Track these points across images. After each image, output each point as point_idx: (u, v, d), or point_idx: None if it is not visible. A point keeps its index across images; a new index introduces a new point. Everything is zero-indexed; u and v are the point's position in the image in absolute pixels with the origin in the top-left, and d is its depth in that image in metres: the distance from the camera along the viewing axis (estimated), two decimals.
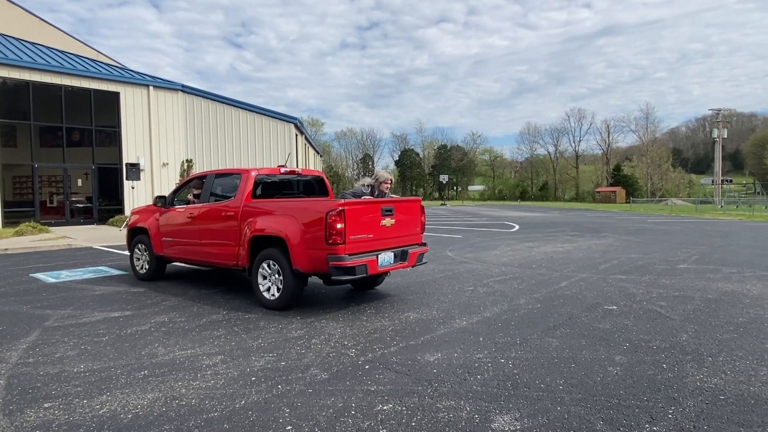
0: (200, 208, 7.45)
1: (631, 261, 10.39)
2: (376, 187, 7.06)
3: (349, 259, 5.71)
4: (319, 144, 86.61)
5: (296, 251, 5.93)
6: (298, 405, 3.52)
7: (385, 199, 6.58)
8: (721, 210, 38.75)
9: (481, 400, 3.59)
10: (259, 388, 3.83)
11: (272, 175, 7.49)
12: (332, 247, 5.68)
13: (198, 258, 7.53)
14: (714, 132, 52.38)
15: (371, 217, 6.07)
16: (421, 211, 6.88)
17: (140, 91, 21.76)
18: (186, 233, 7.62)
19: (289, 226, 6.04)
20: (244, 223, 6.62)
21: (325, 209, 5.74)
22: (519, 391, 3.74)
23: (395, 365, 4.31)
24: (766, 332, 5.21)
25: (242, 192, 6.89)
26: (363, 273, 5.85)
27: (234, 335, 5.26)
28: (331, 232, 5.65)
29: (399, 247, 6.44)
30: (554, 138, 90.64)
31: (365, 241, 5.98)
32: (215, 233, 7.12)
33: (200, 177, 8.10)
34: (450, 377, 4.03)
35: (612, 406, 3.46)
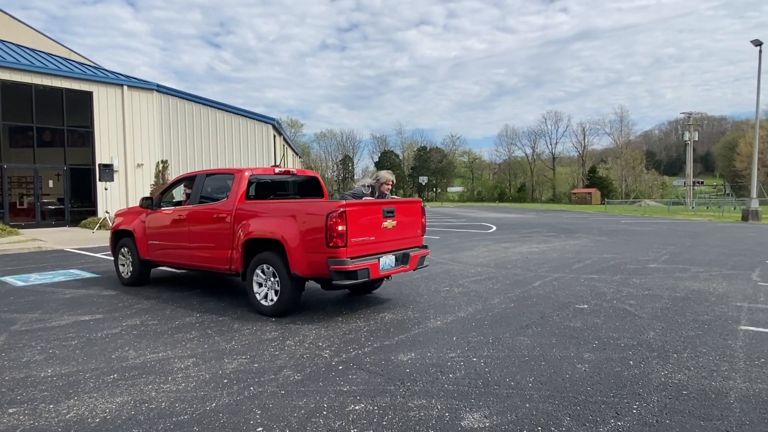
0: (190, 210, 7.11)
1: (604, 261, 10.60)
2: (376, 188, 6.81)
3: (351, 263, 5.46)
4: (299, 145, 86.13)
5: (294, 255, 5.68)
6: (270, 406, 3.52)
7: (386, 200, 6.39)
8: (692, 211, 39.75)
9: (452, 398, 3.63)
10: (230, 390, 3.81)
11: (266, 176, 7.18)
12: (333, 251, 5.44)
13: (187, 262, 7.18)
14: (686, 135, 53.72)
15: (373, 219, 5.86)
16: (422, 212, 6.72)
17: (114, 90, 21.36)
18: (174, 236, 7.29)
19: (287, 228, 5.78)
20: (238, 225, 6.34)
21: (325, 211, 5.51)
22: (489, 389, 3.80)
23: (369, 365, 4.33)
24: (730, 329, 5.38)
25: (235, 193, 6.58)
26: (365, 277, 5.60)
27: (207, 338, 5.21)
28: (332, 235, 5.41)
29: (400, 250, 6.24)
30: (531, 140, 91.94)
31: (367, 244, 5.76)
32: (206, 236, 6.80)
33: (190, 177, 7.71)
34: (422, 376, 4.06)
35: (579, 403, 3.54)
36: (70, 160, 21.22)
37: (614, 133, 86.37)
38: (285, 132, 26.42)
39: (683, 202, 51.29)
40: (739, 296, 6.99)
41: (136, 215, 8.12)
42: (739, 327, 5.45)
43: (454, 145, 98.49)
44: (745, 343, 4.89)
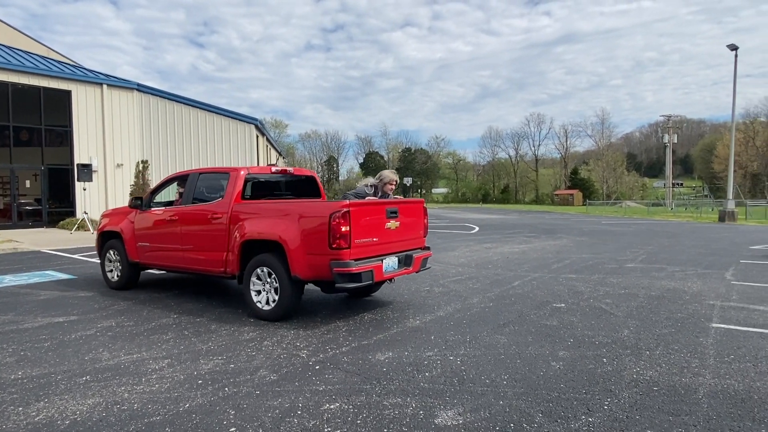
0: (182, 210, 6.83)
1: (583, 261, 10.74)
2: (379, 188, 6.55)
3: (354, 265, 5.25)
4: (283, 146, 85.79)
5: (295, 257, 5.46)
6: (244, 407, 3.50)
7: (389, 200, 6.23)
8: (671, 212, 40.45)
9: (427, 396, 3.65)
10: (205, 391, 3.78)
11: (262, 175, 6.94)
12: (336, 252, 5.24)
13: (179, 265, 6.88)
14: (665, 137, 54.67)
15: (376, 220, 5.68)
16: (425, 213, 6.58)
17: (93, 89, 21.04)
18: (166, 238, 6.98)
19: (287, 229, 5.57)
20: (234, 226, 6.10)
21: (328, 211, 5.30)
22: (464, 386, 3.82)
23: (346, 365, 4.33)
24: (702, 327, 5.48)
25: (231, 192, 6.32)
26: (369, 280, 5.40)
27: (183, 339, 5.16)
28: (336, 236, 5.21)
29: (403, 252, 6.06)
30: (515, 142, 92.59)
31: (370, 246, 5.56)
32: (200, 238, 6.54)
33: (182, 176, 7.39)
34: (399, 375, 4.08)
35: (552, 399, 3.58)
36: (48, 160, 20.84)
37: (596, 136, 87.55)
38: (268, 132, 26.28)
39: (663, 203, 52.17)
40: (712, 295, 7.13)
41: (123, 216, 7.83)
42: (710, 324, 5.56)
43: (439, 147, 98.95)
44: (716, 340, 4.99)
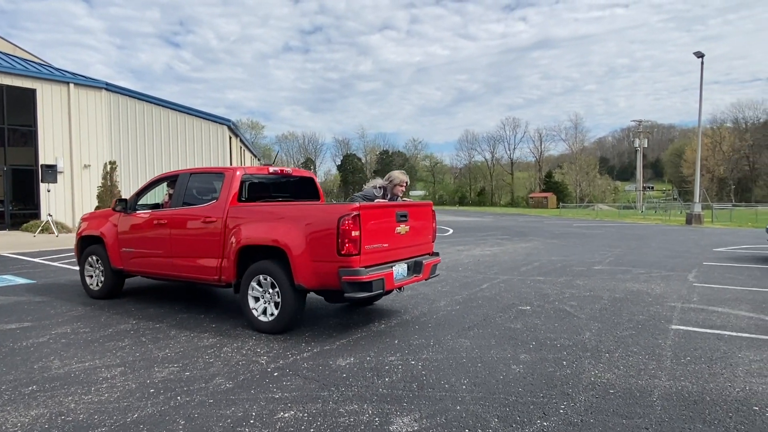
0: (172, 213, 6.35)
1: (552, 263, 10.85)
2: (389, 190, 6.14)
3: (365, 273, 4.88)
4: (260, 147, 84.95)
5: (299, 264, 5.06)
6: (195, 416, 3.39)
7: (399, 203, 5.92)
8: (641, 215, 41.35)
9: (385, 402, 3.60)
10: (156, 401, 3.66)
11: (259, 175, 6.48)
12: (345, 259, 4.87)
13: (168, 272, 6.39)
14: (636, 142, 55.90)
15: (386, 224, 5.34)
16: (433, 216, 6.24)
17: (59, 88, 20.46)
18: (153, 243, 6.49)
19: (290, 233, 5.16)
20: (230, 230, 5.67)
21: (337, 214, 4.92)
22: (423, 392, 3.79)
23: (305, 371, 4.25)
24: (662, 329, 5.57)
25: (226, 194, 5.88)
26: (380, 289, 5.04)
27: (140, 345, 5.01)
28: (345, 241, 4.84)
29: (412, 258, 5.73)
30: (491, 145, 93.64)
31: (380, 252, 5.21)
32: (191, 243, 6.09)
33: (171, 177, 6.90)
34: (358, 381, 4.02)
35: (509, 404, 3.57)
36: (11, 161, 20.17)
37: (569, 140, 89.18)
38: (241, 133, 25.94)
39: (634, 207, 53.29)
40: (674, 296, 7.27)
41: (106, 219, 7.27)
42: (670, 326, 5.65)
43: (416, 150, 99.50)
44: (675, 342, 5.07)
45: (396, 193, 6.20)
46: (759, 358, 4.54)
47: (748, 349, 4.82)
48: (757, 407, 3.50)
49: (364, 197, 5.96)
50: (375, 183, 6.22)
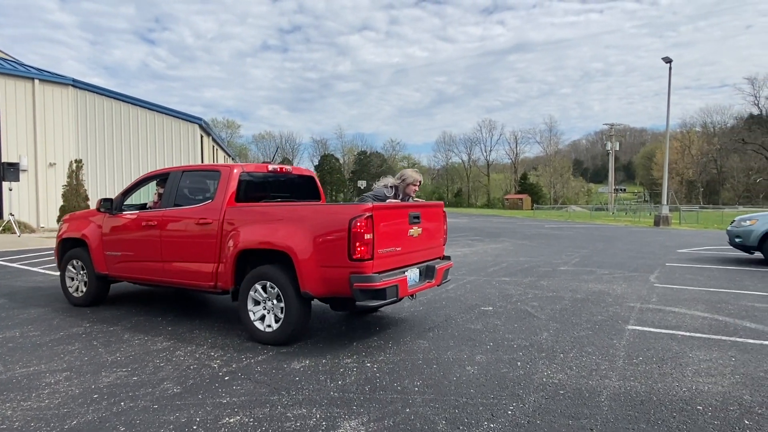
0: (163, 214, 5.91)
1: (519, 264, 10.95)
2: (401, 189, 5.77)
3: (379, 279, 4.53)
4: (236, 147, 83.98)
5: (305, 269, 4.69)
6: (137, 422, 3.30)
7: (412, 203, 5.58)
8: (612, 216, 42.15)
9: (334, 406, 3.56)
10: (98, 406, 3.54)
11: (258, 173, 6.02)
12: (357, 264, 4.51)
13: (158, 278, 5.96)
14: (608, 145, 56.98)
15: (399, 226, 4.99)
16: (444, 218, 5.96)
17: (23, 84, 19.86)
18: (142, 246, 6.05)
19: (296, 236, 4.79)
20: (227, 233, 5.29)
21: (348, 215, 4.57)
22: (375, 395, 3.75)
23: (258, 375, 4.18)
24: (618, 329, 5.65)
25: (223, 193, 5.49)
26: (394, 296, 4.69)
27: (90, 349, 4.87)
28: (357, 245, 4.47)
29: (424, 262, 5.41)
30: (468, 147, 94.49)
31: (393, 256, 4.86)
32: (184, 246, 5.68)
33: (161, 175, 6.44)
34: (310, 384, 3.96)
35: (459, 405, 3.56)
36: None
37: (544, 142, 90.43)
38: (214, 132, 25.54)
39: (605, 208, 54.32)
40: (634, 297, 7.39)
41: (89, 220, 6.77)
42: (626, 327, 5.73)
43: (394, 150, 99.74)
44: (629, 342, 5.14)
45: (408, 193, 5.83)
46: (708, 358, 4.63)
47: (699, 349, 4.92)
48: (701, 407, 3.57)
49: (375, 197, 5.56)
50: (386, 182, 5.84)
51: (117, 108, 21.61)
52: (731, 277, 9.17)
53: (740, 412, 3.47)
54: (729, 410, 3.51)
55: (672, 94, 26.10)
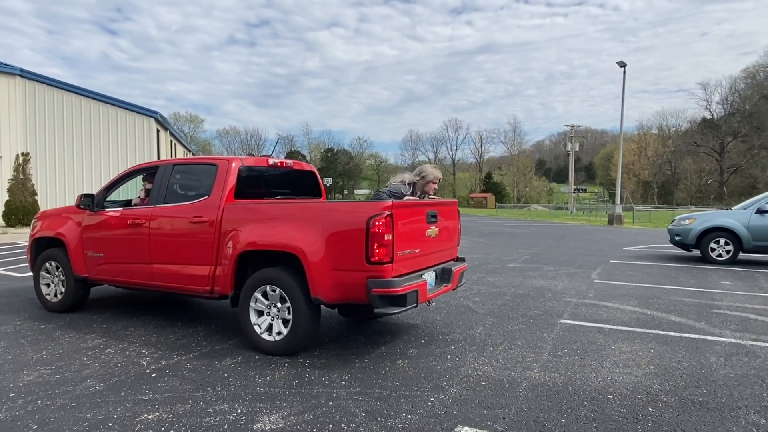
0: (152, 212, 5.44)
1: (471, 261, 11.13)
2: (419, 187, 5.39)
3: (399, 285, 4.18)
4: (199, 142, 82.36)
5: (317, 273, 4.30)
6: (51, 420, 3.24)
7: (430, 201, 5.25)
8: (571, 215, 43.31)
9: (258, 401, 3.58)
10: (12, 405, 3.46)
11: (258, 168, 5.57)
12: (376, 268, 4.14)
13: (145, 282, 5.49)
14: (568, 145, 58.43)
15: (418, 225, 4.67)
16: (458, 217, 5.69)
17: None
18: (128, 247, 5.57)
19: (306, 236, 4.39)
20: (226, 232, 4.86)
21: (366, 212, 4.21)
22: (301, 389, 3.79)
23: (186, 372, 4.16)
24: (551, 323, 5.84)
25: (221, 189, 5.06)
26: (414, 303, 4.33)
27: (16, 348, 4.74)
28: (375, 246, 4.11)
29: (440, 265, 5.11)
30: (434, 146, 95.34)
31: (411, 259, 4.51)
32: (177, 247, 5.22)
33: (149, 168, 6.00)
34: (238, 380, 3.97)
35: (382, 398, 3.64)
36: None
37: (508, 142, 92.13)
38: (171, 126, 24.98)
39: (565, 207, 55.74)
40: (572, 292, 7.65)
41: (67, 218, 6.21)
42: (559, 321, 5.94)
43: (362, 148, 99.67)
44: (558, 335, 5.34)
45: (427, 192, 5.45)
46: (629, 350, 4.86)
47: (623, 341, 5.15)
48: (611, 396, 3.75)
49: (391, 194, 5.10)
50: (402, 178, 5.42)
51: (68, 100, 20.89)
52: (668, 273, 9.59)
53: (647, 401, 3.66)
54: (637, 398, 3.70)
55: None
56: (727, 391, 3.84)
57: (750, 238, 10.59)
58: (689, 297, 7.36)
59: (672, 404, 3.60)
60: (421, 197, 5.42)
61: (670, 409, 3.51)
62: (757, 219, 10.58)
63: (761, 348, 4.94)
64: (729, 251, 10.84)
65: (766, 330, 5.60)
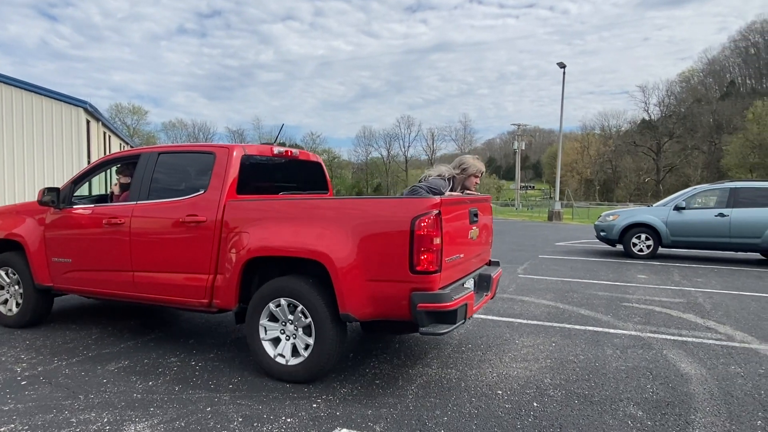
0: (133, 210, 4.60)
1: None
2: (458, 181, 4.67)
3: (450, 298, 3.52)
4: (142, 134, 79.11)
5: (347, 284, 3.59)
6: None
7: (471, 197, 4.54)
8: (515, 211, 44.46)
9: (130, 408, 3.35)
10: None
11: (261, 157, 4.75)
12: (422, 278, 3.48)
13: (126, 292, 4.63)
14: (515, 144, 59.94)
15: (462, 226, 4.08)
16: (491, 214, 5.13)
17: None
18: (103, 251, 4.71)
19: (333, 240, 3.68)
20: (229, 234, 4.10)
21: (409, 211, 3.52)
22: (182, 395, 3.59)
23: (62, 378, 3.87)
24: None
25: (221, 182, 4.26)
26: (462, 319, 3.69)
27: None
28: (422, 252, 3.46)
29: (476, 270, 4.50)
30: (387, 142, 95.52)
31: (455, 266, 3.91)
32: (164, 252, 4.40)
33: (127, 158, 5.17)
34: (116, 386, 3.72)
35: (267, 401, 3.49)
36: None
37: (459, 140, 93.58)
38: (104, 117, 23.72)
39: (512, 204, 57.17)
40: None
41: (25, 217, 5.29)
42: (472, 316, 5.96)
43: (315, 143, 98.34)
44: (468, 330, 5.32)
45: (468, 187, 4.74)
46: (532, 344, 4.91)
47: (528, 335, 5.21)
48: (501, 391, 3.75)
49: (430, 189, 4.31)
50: (440, 171, 4.63)
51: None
52: (590, 267, 9.89)
53: (534, 395, 3.68)
54: (525, 393, 3.71)
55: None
56: (613, 384, 3.92)
57: (668, 233, 11.09)
58: (604, 291, 7.59)
59: (558, 398, 3.64)
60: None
61: (554, 404, 3.54)
62: (674, 215, 11.08)
63: (657, 340, 5.11)
64: (649, 246, 11.31)
65: (666, 322, 5.81)
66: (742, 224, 10.51)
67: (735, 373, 4.19)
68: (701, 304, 6.76)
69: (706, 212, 10.87)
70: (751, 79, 77.77)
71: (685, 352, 4.74)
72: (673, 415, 3.40)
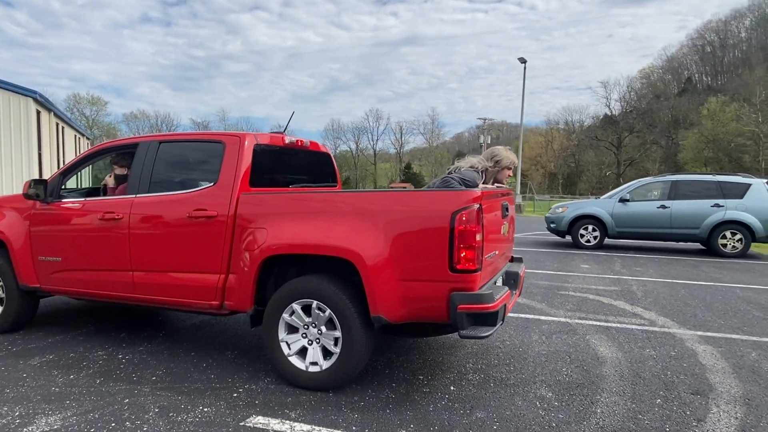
0: (131, 203, 4.25)
1: None
2: (490, 174, 4.44)
3: (492, 299, 3.31)
4: (102, 126, 76.75)
5: (379, 284, 3.34)
6: None
7: (501, 190, 4.26)
8: None
9: (45, 402, 3.33)
10: None
11: (273, 147, 4.43)
12: (463, 278, 3.25)
13: (125, 294, 4.29)
14: (480, 138, 60.67)
15: (498, 220, 3.90)
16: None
17: None
18: (96, 249, 4.36)
19: (363, 236, 3.42)
20: (243, 230, 3.80)
21: (449, 205, 3.27)
22: (102, 387, 3.58)
23: None
24: None
25: (233, 173, 3.95)
26: (501, 321, 3.47)
27: None
28: (461, 249, 3.23)
29: (504, 268, 4.29)
30: (355, 136, 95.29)
31: (492, 263, 3.74)
32: (169, 249, 4.06)
33: (124, 147, 4.77)
34: (36, 380, 3.68)
35: (188, 392, 3.51)
36: None
37: (427, 134, 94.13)
38: (57, 108, 22.89)
39: None
40: None
41: (8, 211, 4.87)
42: None
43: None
44: None
45: (500, 180, 4.52)
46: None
47: None
48: (422, 377, 3.87)
49: (463, 181, 4.07)
50: (472, 163, 4.38)
51: None
52: (538, 258, 10.18)
53: (453, 379, 3.81)
54: (445, 378, 3.84)
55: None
56: (531, 368, 4.10)
57: (614, 224, 11.50)
58: (545, 280, 7.84)
59: (475, 382, 3.78)
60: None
61: (470, 387, 3.69)
62: (619, 207, 11.49)
63: (583, 326, 5.34)
64: (596, 237, 11.71)
65: (596, 309, 6.07)
66: (681, 216, 10.98)
67: (648, 356, 4.43)
68: (633, 292, 7.07)
69: (648, 204, 11.32)
70: (707, 76, 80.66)
71: (606, 337, 4.97)
72: (580, 395, 3.58)
